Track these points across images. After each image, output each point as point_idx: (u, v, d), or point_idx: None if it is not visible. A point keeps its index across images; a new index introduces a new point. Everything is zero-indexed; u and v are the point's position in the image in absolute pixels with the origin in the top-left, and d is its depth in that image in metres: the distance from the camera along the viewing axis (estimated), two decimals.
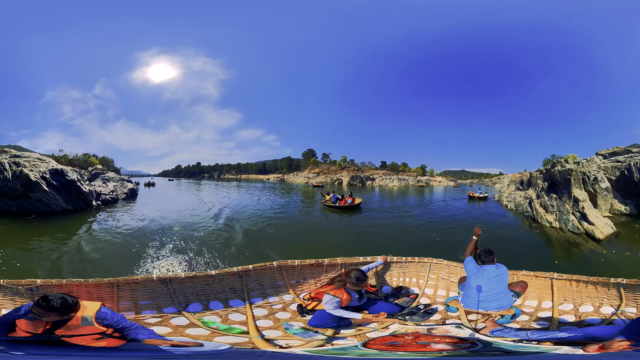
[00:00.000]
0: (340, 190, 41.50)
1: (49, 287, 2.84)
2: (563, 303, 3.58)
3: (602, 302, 3.42)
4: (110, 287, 3.05)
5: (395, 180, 67.64)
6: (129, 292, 3.11)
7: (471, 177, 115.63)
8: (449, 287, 4.15)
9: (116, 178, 28.16)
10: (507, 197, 24.53)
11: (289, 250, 9.94)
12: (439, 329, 2.95)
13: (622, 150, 19.10)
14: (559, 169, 15.15)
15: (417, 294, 4.08)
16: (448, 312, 3.50)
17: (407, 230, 14.39)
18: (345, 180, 65.30)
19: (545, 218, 14.62)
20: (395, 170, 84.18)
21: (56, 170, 16.33)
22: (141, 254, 9.02)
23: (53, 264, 8.12)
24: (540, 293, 3.76)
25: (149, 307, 3.13)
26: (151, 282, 3.20)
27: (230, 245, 10.37)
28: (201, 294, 3.39)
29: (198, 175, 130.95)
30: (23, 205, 14.48)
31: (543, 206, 15.25)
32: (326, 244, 11.70)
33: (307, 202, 26.26)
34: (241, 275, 3.62)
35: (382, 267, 4.37)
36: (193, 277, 3.37)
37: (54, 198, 15.36)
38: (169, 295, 3.24)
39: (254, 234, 12.43)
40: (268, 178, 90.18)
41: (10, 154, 16.68)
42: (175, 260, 8.49)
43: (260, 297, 3.63)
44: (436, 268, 4.36)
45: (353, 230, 14.28)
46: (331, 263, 4.04)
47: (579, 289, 3.59)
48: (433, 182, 75.43)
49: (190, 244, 10.18)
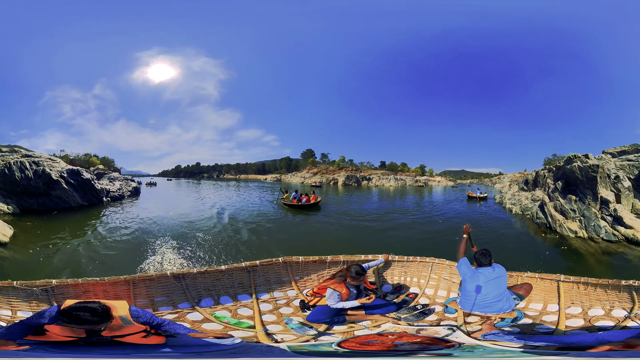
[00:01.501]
0: (336, 190, 43.28)
1: (65, 287, 2.83)
2: (570, 306, 3.44)
3: (614, 305, 3.28)
4: (126, 284, 3.07)
5: (391, 180, 67.43)
6: (145, 289, 3.15)
7: (471, 177, 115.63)
8: (450, 288, 4.09)
9: (121, 178, 30.41)
10: (511, 198, 22.00)
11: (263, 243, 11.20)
12: (429, 329, 2.94)
13: (632, 148, 18.05)
14: (579, 165, 12.78)
15: (417, 293, 4.05)
16: (446, 314, 3.45)
17: (378, 238, 12.44)
18: (341, 180, 65.27)
19: (566, 226, 12.15)
20: (394, 170, 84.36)
21: (73, 170, 18.03)
22: (148, 238, 10.94)
23: (89, 246, 9.85)
24: (546, 296, 3.63)
25: (165, 304, 3.18)
26: (165, 279, 3.24)
27: (220, 234, 12.05)
28: (212, 289, 3.46)
29: (197, 175, 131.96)
30: (44, 203, 16.09)
31: (560, 211, 13.09)
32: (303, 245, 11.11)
33: None
34: (249, 271, 3.70)
35: (384, 266, 4.40)
36: (205, 273, 3.44)
37: (72, 195, 17.06)
38: (182, 291, 3.29)
39: (237, 223, 14.11)
40: (266, 178, 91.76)
41: (20, 153, 18.28)
42: (173, 240, 10.17)
43: (266, 292, 3.70)
44: (438, 268, 4.29)
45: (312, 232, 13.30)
46: (334, 260, 4.09)
47: (588, 292, 3.46)
48: (432, 182, 74.89)
49: (184, 229, 11.94)
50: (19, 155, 17.58)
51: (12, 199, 15.48)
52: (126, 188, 27.32)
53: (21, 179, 15.34)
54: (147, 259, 8.63)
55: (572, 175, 13.36)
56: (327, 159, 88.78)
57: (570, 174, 13.44)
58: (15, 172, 15.36)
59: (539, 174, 19.86)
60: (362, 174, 70.89)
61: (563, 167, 14.28)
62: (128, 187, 28.03)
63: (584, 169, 12.63)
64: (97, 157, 49.10)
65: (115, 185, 26.30)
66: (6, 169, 15.53)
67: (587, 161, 12.83)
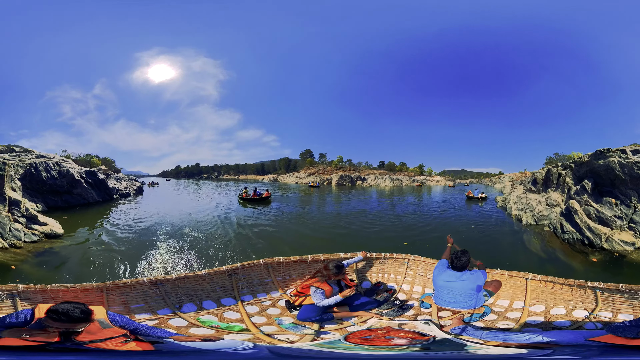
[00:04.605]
0: (329, 190, 46.16)
1: (32, 293, 2.76)
2: (535, 304, 3.55)
3: (576, 305, 3.38)
4: (99, 291, 2.99)
5: (387, 180, 67.04)
6: (120, 296, 3.08)
7: (470, 177, 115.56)
8: (425, 284, 4.22)
9: (126, 178, 33.52)
10: (516, 202, 18.55)
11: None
12: (408, 324, 3.01)
13: None
14: (619, 161, 10.66)
15: (395, 289, 4.16)
16: (422, 309, 3.57)
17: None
18: (334, 180, 65.27)
19: (615, 239, 9.71)
20: (392, 170, 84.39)
21: (89, 171, 20.70)
22: (152, 225, 13.93)
23: (120, 228, 12.92)
24: (514, 293, 3.75)
25: (143, 310, 3.10)
26: (142, 285, 3.18)
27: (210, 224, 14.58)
28: (193, 294, 3.43)
29: (197, 175, 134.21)
30: (67, 200, 18.57)
31: (597, 219, 10.56)
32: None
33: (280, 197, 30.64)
34: (230, 274, 3.70)
35: (363, 263, 4.51)
36: (184, 278, 3.39)
37: (90, 192, 19.65)
38: (161, 297, 3.24)
39: (224, 211, 16.65)
40: (263, 178, 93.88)
41: (34, 154, 20.49)
42: (171, 224, 12.72)
43: (250, 294, 3.71)
44: (414, 264, 4.46)
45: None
46: (314, 259, 4.16)
47: (554, 291, 3.56)
48: (430, 182, 74.12)
49: (177, 219, 14.52)
50: (33, 155, 19.99)
51: (38, 197, 17.88)
52: (131, 187, 30.40)
53: (47, 178, 17.78)
54: (160, 233, 11.47)
55: (606, 173, 11.20)
56: (325, 159, 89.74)
57: (604, 172, 11.25)
58: (42, 172, 17.79)
59: (551, 172, 16.49)
60: (357, 174, 70.91)
61: (590, 164, 11.92)
62: (133, 186, 31.36)
63: (628, 165, 10.39)
64: (98, 158, 49.73)
65: (123, 184, 29.24)
66: (32, 169, 17.92)
67: (629, 157, 10.56)
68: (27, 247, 8.98)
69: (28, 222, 9.88)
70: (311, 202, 28.53)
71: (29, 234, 9.39)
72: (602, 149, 11.54)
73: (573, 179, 13.24)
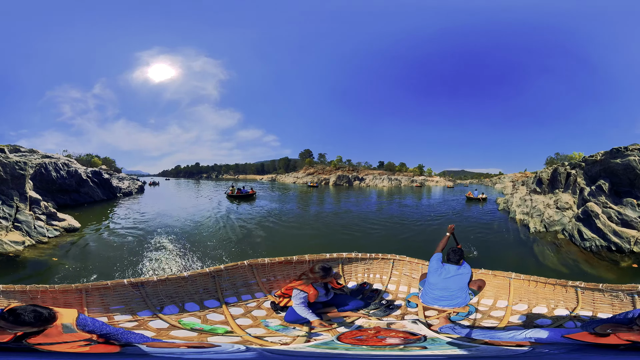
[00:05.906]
0: (326, 190, 47.49)
1: (10, 293, 2.74)
2: (518, 303, 3.61)
3: (558, 304, 3.42)
4: (78, 293, 2.98)
5: (385, 180, 67.00)
6: (99, 298, 3.06)
7: (471, 177, 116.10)
8: (410, 284, 4.27)
9: (128, 177, 35.21)
10: (520, 204, 17.09)
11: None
12: (397, 324, 3.04)
13: None
14: (638, 159, 10.09)
15: (380, 289, 4.18)
16: (408, 308, 3.58)
17: None
18: (332, 180, 65.45)
19: None
20: (392, 170, 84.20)
21: (95, 171, 21.91)
22: (153, 218, 15.54)
23: (129, 222, 14.34)
24: (498, 292, 3.80)
25: (122, 312, 3.08)
26: (122, 287, 3.16)
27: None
28: (175, 296, 3.40)
29: (197, 175, 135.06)
30: (75, 198, 19.69)
31: (620, 222, 9.74)
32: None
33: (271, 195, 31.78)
34: (214, 276, 3.67)
35: (349, 264, 4.51)
36: (165, 280, 3.38)
37: (96, 191, 20.81)
38: (141, 299, 3.22)
39: (217, 205, 17.79)
40: (262, 178, 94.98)
41: (39, 154, 21.63)
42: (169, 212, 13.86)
43: (234, 296, 3.69)
44: (399, 265, 4.50)
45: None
46: (299, 260, 4.12)
47: (536, 290, 3.61)
48: (429, 182, 73.77)
49: (170, 211, 15.71)
50: (39, 155, 21.04)
51: (48, 196, 18.91)
52: (133, 186, 31.98)
53: (57, 178, 18.88)
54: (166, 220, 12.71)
55: (624, 173, 10.47)
56: (324, 159, 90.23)
57: (622, 171, 10.52)
58: (52, 172, 18.87)
59: (559, 172, 15.29)
60: (355, 174, 71.05)
61: (605, 162, 11.22)
62: (135, 185, 33.11)
63: None
64: (98, 158, 49.70)
65: (125, 183, 30.48)
66: (42, 169, 18.99)
67: None
68: (52, 242, 10.07)
69: (48, 219, 10.99)
70: (303, 201, 29.27)
71: (51, 230, 10.52)
72: (619, 147, 10.91)
73: (585, 179, 12.37)
